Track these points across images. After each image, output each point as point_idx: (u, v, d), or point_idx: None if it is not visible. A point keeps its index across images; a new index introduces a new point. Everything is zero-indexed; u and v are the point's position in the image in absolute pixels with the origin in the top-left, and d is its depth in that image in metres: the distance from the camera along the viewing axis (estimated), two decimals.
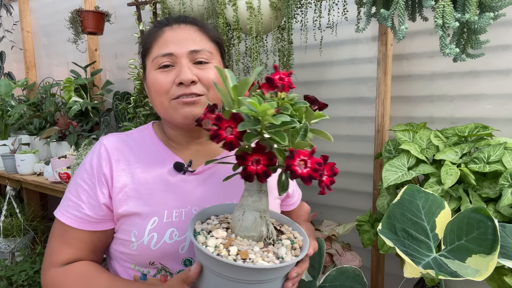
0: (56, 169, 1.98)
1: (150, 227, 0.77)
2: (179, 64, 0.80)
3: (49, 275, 0.78)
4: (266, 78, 0.64)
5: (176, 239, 0.78)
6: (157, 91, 0.81)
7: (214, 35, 0.87)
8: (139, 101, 1.78)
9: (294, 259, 0.66)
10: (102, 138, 0.85)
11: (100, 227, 0.80)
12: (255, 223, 0.67)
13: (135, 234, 0.77)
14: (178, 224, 0.79)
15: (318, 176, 0.59)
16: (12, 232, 2.35)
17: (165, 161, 0.84)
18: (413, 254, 0.88)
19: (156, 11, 1.75)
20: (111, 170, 0.80)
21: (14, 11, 3.10)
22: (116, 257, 0.84)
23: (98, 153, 0.82)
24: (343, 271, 1.28)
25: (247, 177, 0.61)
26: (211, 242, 0.65)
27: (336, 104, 1.71)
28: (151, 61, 0.82)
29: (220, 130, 0.59)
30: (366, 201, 1.68)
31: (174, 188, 0.82)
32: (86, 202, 0.79)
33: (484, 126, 1.17)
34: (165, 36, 0.82)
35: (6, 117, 2.62)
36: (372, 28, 1.55)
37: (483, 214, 0.86)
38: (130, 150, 0.84)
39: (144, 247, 0.77)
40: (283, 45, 1.43)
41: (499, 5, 0.97)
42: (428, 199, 0.95)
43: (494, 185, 1.04)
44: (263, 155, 0.61)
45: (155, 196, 0.80)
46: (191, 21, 0.85)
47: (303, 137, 0.62)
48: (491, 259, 0.79)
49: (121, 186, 0.79)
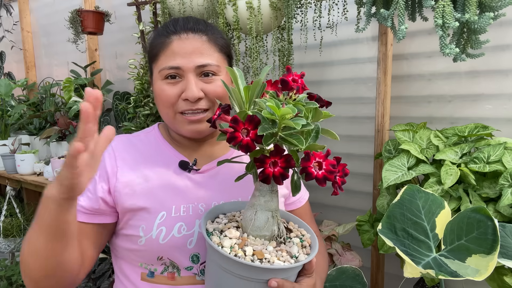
0: (56, 169, 1.98)
1: (158, 221, 0.78)
2: (186, 78, 0.81)
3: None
4: (280, 80, 0.65)
5: (185, 233, 0.79)
6: (163, 103, 0.83)
7: (223, 45, 0.86)
8: (139, 101, 1.78)
9: (307, 257, 0.68)
10: (111, 142, 0.84)
11: (92, 220, 0.80)
12: (267, 223, 0.69)
13: (143, 229, 0.78)
14: (187, 218, 0.80)
15: (333, 177, 0.61)
16: (12, 232, 2.35)
17: (170, 159, 0.86)
18: (413, 254, 0.89)
19: (156, 11, 1.75)
20: (115, 168, 0.81)
21: (14, 11, 3.10)
22: (124, 256, 0.84)
23: (108, 155, 0.83)
24: (343, 271, 1.28)
25: (264, 179, 0.62)
26: (226, 243, 0.66)
27: (336, 104, 1.71)
28: (158, 71, 0.83)
29: (237, 132, 0.60)
30: (366, 201, 1.68)
31: (180, 185, 0.83)
32: (83, 195, 0.80)
33: (484, 126, 1.17)
34: (173, 47, 0.81)
35: (6, 117, 2.62)
36: (372, 28, 1.55)
37: (483, 213, 0.86)
38: (137, 150, 0.86)
39: (152, 241, 0.77)
40: (283, 45, 1.43)
41: (499, 5, 0.97)
42: (428, 199, 0.96)
43: (494, 185, 1.04)
44: (281, 157, 0.62)
45: (162, 192, 0.81)
46: (200, 30, 0.83)
47: (315, 138, 0.64)
48: (491, 259, 0.80)
49: (127, 181, 0.80)
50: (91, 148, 0.54)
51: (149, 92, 1.75)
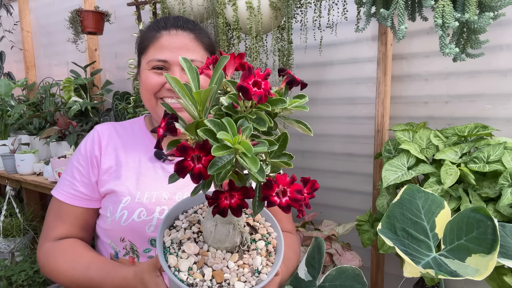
0: (55, 168, 1.98)
1: (123, 204, 0.85)
2: (171, 71, 0.87)
3: (43, 248, 0.88)
4: (238, 87, 0.52)
5: (144, 218, 0.84)
6: (147, 89, 0.88)
7: (208, 43, 0.93)
8: (139, 101, 1.78)
9: (269, 273, 0.64)
10: (96, 126, 0.95)
11: (91, 205, 0.90)
12: (228, 236, 0.64)
13: (110, 210, 0.86)
14: (148, 205, 0.85)
15: (298, 205, 0.53)
16: (11, 232, 2.35)
17: (148, 148, 0.93)
18: (412, 254, 0.89)
19: (156, 11, 1.75)
20: (100, 153, 0.90)
21: (14, 11, 3.09)
22: (99, 233, 0.93)
23: (92, 138, 0.92)
24: (343, 271, 1.28)
25: (220, 213, 0.55)
26: (183, 266, 0.61)
27: (335, 104, 1.71)
28: (146, 62, 0.89)
29: (187, 161, 0.50)
30: (366, 200, 1.68)
31: (151, 173, 0.89)
32: (79, 181, 0.88)
33: (483, 126, 1.17)
34: (162, 41, 0.87)
35: (6, 117, 2.62)
36: (371, 28, 1.55)
37: (482, 213, 0.86)
38: (119, 137, 0.94)
39: (116, 222, 0.85)
40: (283, 45, 1.44)
41: (499, 5, 0.97)
42: (428, 198, 0.96)
43: (493, 185, 1.04)
44: (237, 190, 0.54)
45: (132, 178, 0.88)
46: (189, 28, 0.90)
47: (279, 157, 0.56)
48: (491, 259, 0.80)
49: (106, 168, 0.89)
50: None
51: None
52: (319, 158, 1.79)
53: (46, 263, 0.86)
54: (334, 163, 1.75)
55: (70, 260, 0.83)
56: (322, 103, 1.74)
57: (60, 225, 0.88)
